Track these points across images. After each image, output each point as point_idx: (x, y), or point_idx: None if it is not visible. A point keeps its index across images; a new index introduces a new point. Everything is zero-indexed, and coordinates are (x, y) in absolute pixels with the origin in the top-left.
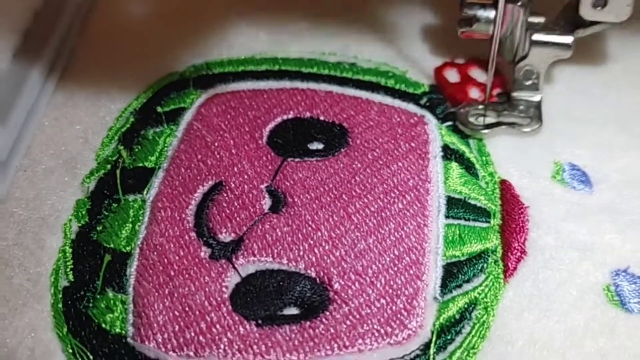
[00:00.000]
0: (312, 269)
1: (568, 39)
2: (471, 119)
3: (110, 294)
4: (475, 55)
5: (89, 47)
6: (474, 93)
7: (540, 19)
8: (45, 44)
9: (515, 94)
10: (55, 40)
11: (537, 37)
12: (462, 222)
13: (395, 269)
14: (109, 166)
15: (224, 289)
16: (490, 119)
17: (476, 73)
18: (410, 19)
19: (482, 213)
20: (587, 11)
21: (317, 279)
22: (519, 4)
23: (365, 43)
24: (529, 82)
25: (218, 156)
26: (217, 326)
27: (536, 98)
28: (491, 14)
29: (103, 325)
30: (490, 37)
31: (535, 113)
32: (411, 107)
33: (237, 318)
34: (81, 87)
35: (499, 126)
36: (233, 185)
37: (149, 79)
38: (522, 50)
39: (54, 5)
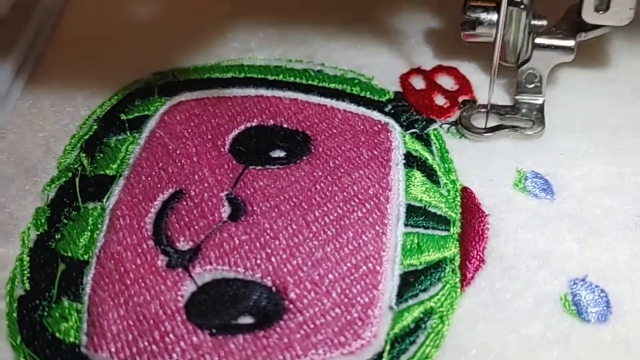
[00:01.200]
0: (269, 278)
1: (570, 43)
2: (474, 122)
3: (66, 303)
4: (443, 61)
5: (56, 53)
6: (439, 100)
7: (542, 22)
8: (11, 50)
9: (518, 97)
10: (22, 46)
11: (539, 40)
12: (421, 230)
13: (352, 278)
14: (70, 174)
15: (179, 298)
16: (492, 122)
17: (442, 80)
18: (378, 26)
19: (442, 221)
20: (589, 15)
21: (273, 288)
22: (522, 7)
23: (332, 50)
24: (531, 85)
25: (179, 164)
26: (171, 335)
27: (539, 101)
28: (494, 17)
29: (57, 335)
30: (493, 40)
31: (538, 116)
32: (375, 115)
33: (190, 327)
34: (47, 93)
35: (501, 129)
36: (193, 193)
37: (115, 86)
38: (525, 54)
39: (21, 11)
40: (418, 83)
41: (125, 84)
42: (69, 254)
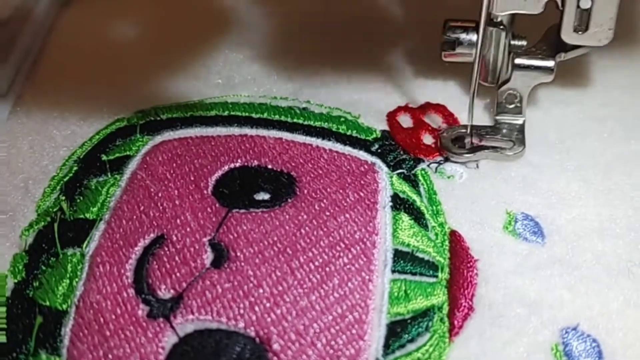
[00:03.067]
0: (252, 328)
1: (550, 63)
2: (454, 144)
3: (44, 356)
4: (431, 99)
5: (36, 91)
6: (427, 139)
7: (522, 42)
8: None
9: (498, 118)
10: (1, 84)
11: (519, 60)
12: (409, 276)
13: (337, 328)
14: (49, 218)
15: (160, 350)
16: (473, 144)
17: (430, 117)
18: (365, 62)
19: (430, 267)
20: (568, 35)
21: (257, 339)
22: (501, 27)
23: (318, 87)
24: (511, 106)
25: (161, 207)
26: None
27: (519, 121)
28: (473, 37)
29: None
30: (473, 60)
31: (519, 137)
32: (362, 154)
33: None
34: (26, 133)
35: (481, 150)
36: (175, 238)
37: (96, 124)
38: (505, 74)
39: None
40: (405, 121)
41: (106, 122)
42: (47, 304)
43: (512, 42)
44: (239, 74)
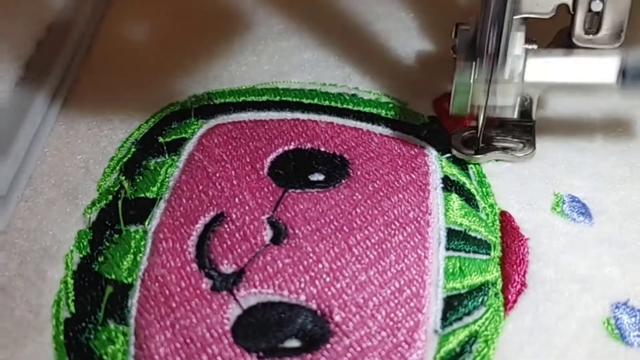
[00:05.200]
0: (313, 301)
1: None
2: (464, 144)
3: (112, 326)
4: None
5: (92, 76)
6: (473, 124)
7: (533, 46)
8: (48, 73)
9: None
10: (58, 69)
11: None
12: (463, 254)
13: (396, 301)
14: (110, 197)
15: (225, 321)
16: (484, 144)
17: None
18: (411, 50)
19: (483, 245)
20: (579, 37)
21: (318, 311)
22: None
23: (366, 74)
24: (522, 108)
25: (219, 187)
26: (219, 358)
27: (529, 123)
28: None
29: (104, 357)
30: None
31: (529, 138)
32: (411, 139)
33: (238, 350)
34: (83, 116)
35: (492, 151)
36: (234, 216)
37: (151, 108)
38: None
39: (57, 34)
40: None
41: (161, 106)
42: (113, 277)
43: (524, 46)
44: (289, 62)
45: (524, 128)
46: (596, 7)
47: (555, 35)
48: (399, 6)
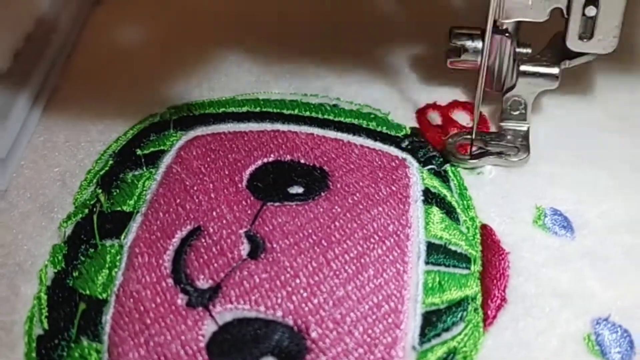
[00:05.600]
0: (290, 317)
1: (555, 70)
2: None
3: (85, 343)
4: (459, 96)
5: (71, 87)
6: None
7: (527, 50)
8: (26, 84)
9: (503, 124)
10: (36, 80)
11: (524, 67)
12: (442, 268)
13: (374, 317)
14: (86, 210)
15: (200, 338)
16: (477, 149)
17: (458, 115)
18: (394, 61)
19: (463, 259)
20: (573, 42)
21: (295, 327)
22: (506, 35)
23: (348, 84)
24: (516, 112)
25: (197, 200)
26: None
27: (524, 128)
28: (479, 44)
29: None
30: (478, 67)
31: (523, 143)
32: (393, 150)
33: None
34: (61, 128)
35: (486, 156)
36: (211, 230)
37: (130, 120)
38: (510, 81)
39: (36, 45)
40: (434, 118)
41: (140, 118)
42: (87, 292)
43: (517, 50)
44: (270, 72)
45: (518, 133)
46: (590, 12)
47: (549, 40)
48: (381, 16)
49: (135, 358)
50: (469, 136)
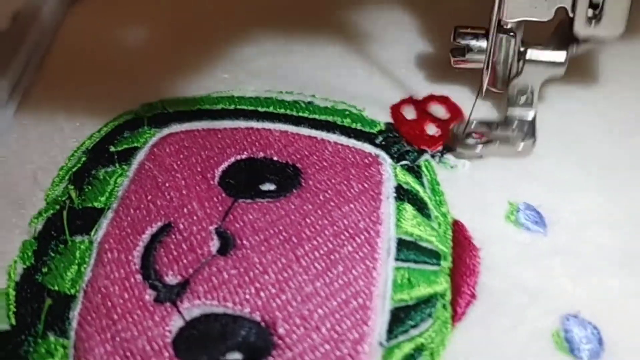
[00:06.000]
0: (257, 313)
1: (561, 57)
2: (466, 137)
3: (52, 338)
4: (435, 90)
5: (45, 84)
6: (431, 129)
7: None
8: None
9: (509, 111)
10: (11, 77)
11: (530, 54)
12: (412, 265)
13: (342, 313)
14: (57, 206)
15: (167, 334)
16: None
17: (434, 109)
18: (368, 56)
19: (433, 255)
20: (581, 27)
21: (262, 323)
22: (511, 34)
23: (322, 81)
24: (522, 100)
25: (168, 197)
26: None
27: (530, 115)
28: (483, 43)
29: None
30: (483, 66)
31: (529, 130)
32: (366, 147)
33: None
34: (35, 125)
35: (493, 143)
36: (182, 226)
37: (104, 117)
38: (516, 68)
39: (9, 41)
40: (409, 113)
41: (114, 115)
42: (56, 288)
43: (522, 49)
44: (245, 70)
45: (524, 120)
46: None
47: (555, 28)
48: (357, 13)
49: (101, 353)
50: (475, 123)
